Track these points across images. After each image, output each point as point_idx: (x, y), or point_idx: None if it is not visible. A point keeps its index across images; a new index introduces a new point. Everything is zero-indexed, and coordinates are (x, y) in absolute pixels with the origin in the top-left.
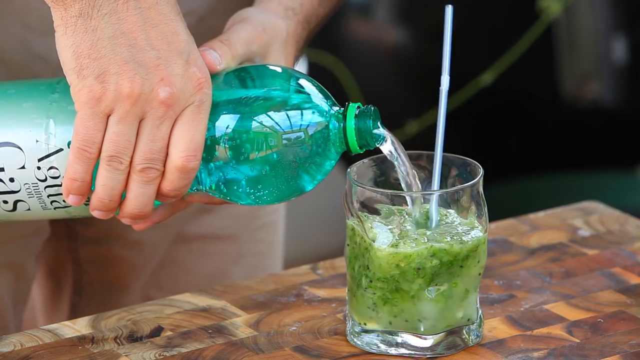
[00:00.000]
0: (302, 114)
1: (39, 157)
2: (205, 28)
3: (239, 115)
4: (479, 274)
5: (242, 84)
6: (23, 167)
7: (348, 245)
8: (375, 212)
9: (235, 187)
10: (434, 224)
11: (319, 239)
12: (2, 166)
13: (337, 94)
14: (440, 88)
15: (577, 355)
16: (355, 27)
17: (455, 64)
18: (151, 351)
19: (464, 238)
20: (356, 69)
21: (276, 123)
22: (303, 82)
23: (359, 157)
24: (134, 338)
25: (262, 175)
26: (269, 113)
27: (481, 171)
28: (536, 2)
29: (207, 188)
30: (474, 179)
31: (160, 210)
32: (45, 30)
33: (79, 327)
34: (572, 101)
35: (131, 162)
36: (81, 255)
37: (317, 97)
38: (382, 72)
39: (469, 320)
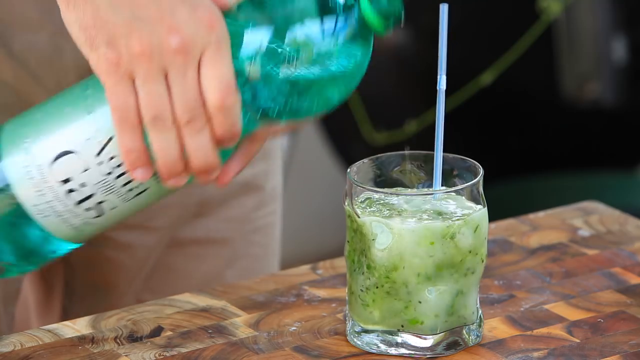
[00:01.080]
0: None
1: (95, 153)
2: None
3: (268, 29)
4: (479, 274)
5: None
6: (86, 170)
7: (348, 245)
8: (375, 212)
9: (294, 91)
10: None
11: (319, 239)
12: (68, 177)
13: None
14: (438, 87)
15: (577, 355)
16: None
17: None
18: (151, 351)
19: (464, 237)
20: None
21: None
22: None
23: (359, 157)
24: (134, 338)
25: (310, 73)
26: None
27: (481, 171)
28: (536, 2)
29: (269, 109)
30: (474, 179)
31: (236, 159)
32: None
33: (79, 327)
34: (572, 101)
35: (175, 119)
36: (72, 256)
37: None
38: (382, 72)
39: (468, 320)
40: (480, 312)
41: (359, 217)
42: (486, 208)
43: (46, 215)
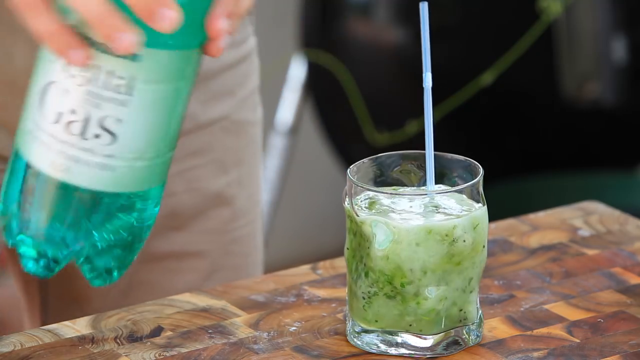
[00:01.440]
0: None
1: (62, 69)
2: None
3: None
4: (480, 274)
5: None
6: (67, 92)
7: (348, 245)
8: (375, 212)
9: None
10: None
11: (319, 239)
12: (58, 111)
13: (337, 93)
14: (424, 85)
15: (577, 355)
16: (355, 27)
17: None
18: (151, 351)
19: (464, 234)
20: (356, 69)
21: None
22: None
23: (359, 157)
24: (134, 338)
25: None
26: None
27: (481, 171)
28: (536, 2)
29: None
30: (474, 179)
31: (217, 10)
32: None
33: (79, 327)
34: (572, 101)
35: None
36: None
37: None
38: (381, 72)
39: (469, 320)
40: (480, 312)
41: (358, 217)
42: (486, 208)
43: (84, 172)
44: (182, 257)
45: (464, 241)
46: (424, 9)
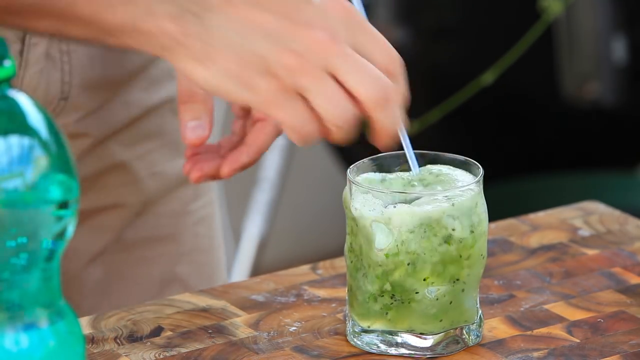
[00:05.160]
0: None
1: None
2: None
3: None
4: (480, 274)
5: None
6: None
7: (348, 245)
8: (375, 212)
9: None
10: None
11: (319, 239)
12: None
13: None
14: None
15: (577, 355)
16: None
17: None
18: (151, 351)
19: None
20: None
21: None
22: None
23: (359, 157)
24: (134, 338)
25: None
26: None
27: (481, 171)
28: (537, 2)
29: None
30: (474, 179)
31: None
32: None
33: None
34: (572, 101)
35: (366, 101)
36: None
37: None
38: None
39: (469, 320)
40: (480, 312)
41: (358, 216)
42: (486, 207)
43: None
44: (151, 243)
45: (464, 242)
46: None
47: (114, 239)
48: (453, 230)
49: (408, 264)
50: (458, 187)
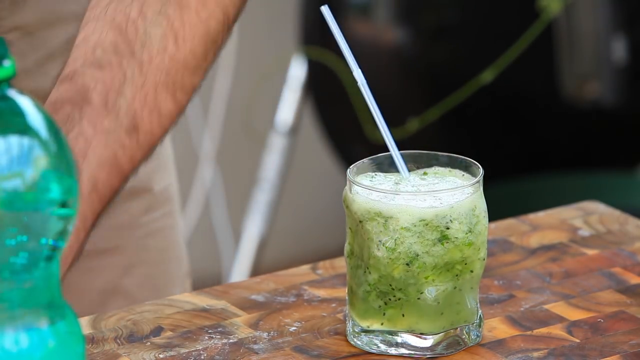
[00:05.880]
0: None
1: None
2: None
3: None
4: (479, 273)
5: None
6: None
7: (348, 245)
8: (375, 212)
9: None
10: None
11: (319, 239)
12: None
13: (337, 92)
14: (358, 84)
15: (577, 355)
16: (355, 27)
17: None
18: (151, 351)
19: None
20: None
21: None
22: None
23: (359, 157)
24: (134, 338)
25: None
26: None
27: (481, 171)
28: (536, 1)
29: None
30: (474, 179)
31: None
32: None
33: None
34: (572, 101)
35: None
36: None
37: None
38: (382, 71)
39: (469, 320)
40: (480, 312)
41: (358, 216)
42: (486, 207)
43: None
44: (97, 255)
45: (464, 241)
46: (326, 12)
47: None
48: (452, 230)
49: (408, 264)
50: (458, 187)
